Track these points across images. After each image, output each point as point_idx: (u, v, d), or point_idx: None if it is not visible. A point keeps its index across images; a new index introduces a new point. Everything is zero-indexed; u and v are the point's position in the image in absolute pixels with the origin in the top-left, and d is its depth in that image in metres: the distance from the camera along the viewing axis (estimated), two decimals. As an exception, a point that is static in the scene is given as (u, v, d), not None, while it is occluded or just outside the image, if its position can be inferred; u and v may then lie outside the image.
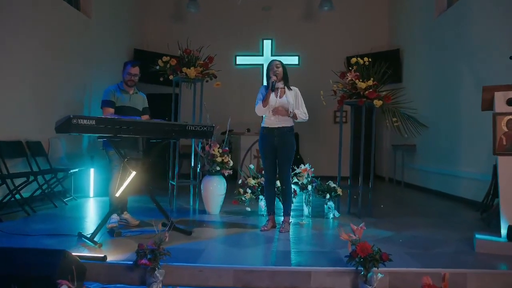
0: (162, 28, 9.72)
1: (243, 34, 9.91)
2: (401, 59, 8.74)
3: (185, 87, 5.50)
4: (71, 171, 5.68)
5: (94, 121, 3.19)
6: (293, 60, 9.89)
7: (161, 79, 5.15)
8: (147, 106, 4.30)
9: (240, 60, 10.06)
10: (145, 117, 4.25)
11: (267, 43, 9.97)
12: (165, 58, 5.05)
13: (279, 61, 4.02)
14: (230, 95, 9.73)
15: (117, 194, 3.58)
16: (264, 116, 4.01)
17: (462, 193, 6.18)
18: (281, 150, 3.94)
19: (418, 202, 6.41)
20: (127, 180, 3.62)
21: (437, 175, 7.11)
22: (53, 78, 6.10)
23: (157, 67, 5.07)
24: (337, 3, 9.12)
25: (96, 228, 3.44)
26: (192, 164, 5.36)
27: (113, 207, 3.76)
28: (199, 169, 5.20)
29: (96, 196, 6.15)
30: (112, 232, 3.72)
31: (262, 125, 4.04)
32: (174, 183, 5.18)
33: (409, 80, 8.44)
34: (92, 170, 6.18)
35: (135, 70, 4.09)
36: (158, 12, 9.91)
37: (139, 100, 4.20)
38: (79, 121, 3.11)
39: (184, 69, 4.95)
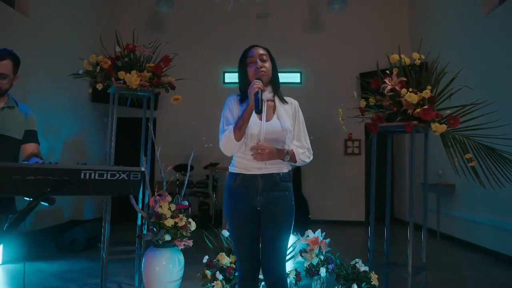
0: (135, 38, 8.00)
1: (233, 46, 8.01)
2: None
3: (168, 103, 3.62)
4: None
5: None
6: (295, 77, 8.17)
7: (90, 90, 3.30)
8: (35, 129, 2.41)
9: (230, 77, 8.31)
10: (28, 149, 2.36)
11: (262, 58, 8.22)
12: (93, 58, 3.21)
13: (265, 48, 2.16)
14: (216, 119, 7.87)
15: None
16: (234, 154, 2.13)
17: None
18: (269, 219, 2.03)
19: (477, 274, 4.40)
20: None
21: (491, 228, 5.16)
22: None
23: (80, 72, 3.23)
24: (347, 9, 7.39)
25: None
26: (139, 222, 3.45)
27: None
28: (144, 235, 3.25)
29: (6, 263, 4.22)
30: None
31: (231, 169, 2.13)
32: (104, 255, 3.22)
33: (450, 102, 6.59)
34: None
35: (3, 66, 2.20)
36: (131, 19, 8.16)
37: (16, 121, 2.30)
38: None
39: (121, 74, 3.10)
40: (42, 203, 1.80)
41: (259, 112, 1.97)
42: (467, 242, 5.72)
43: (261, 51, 2.11)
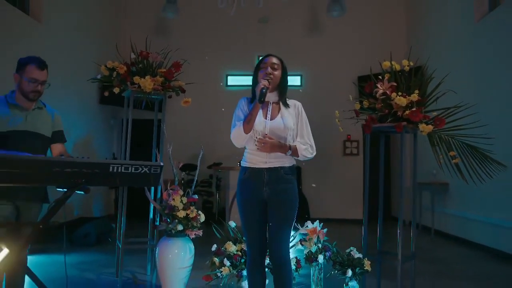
0: (141, 43, 8.27)
1: (236, 50, 8.46)
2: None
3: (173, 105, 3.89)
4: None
5: None
6: (295, 80, 8.43)
7: (106, 93, 3.58)
8: (62, 129, 2.70)
9: (232, 80, 8.60)
10: (57, 149, 2.66)
11: (264, 61, 8.48)
12: (110, 64, 3.50)
13: (279, 58, 2.45)
14: (219, 121, 8.16)
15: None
16: (246, 148, 2.43)
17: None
18: (275, 208, 2.32)
19: (470, 267, 4.65)
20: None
21: (484, 225, 5.42)
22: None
23: (99, 77, 3.52)
24: (347, 13, 7.68)
25: None
26: (151, 215, 3.73)
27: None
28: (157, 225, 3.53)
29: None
30: None
31: (243, 163, 2.44)
32: (120, 245, 3.51)
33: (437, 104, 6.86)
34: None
35: (43, 74, 2.53)
36: (137, 25, 8.48)
37: (45, 120, 2.60)
38: None
39: (136, 79, 3.39)
40: (78, 192, 2.09)
41: (260, 102, 2.25)
42: (461, 239, 5.98)
43: (274, 60, 2.40)
